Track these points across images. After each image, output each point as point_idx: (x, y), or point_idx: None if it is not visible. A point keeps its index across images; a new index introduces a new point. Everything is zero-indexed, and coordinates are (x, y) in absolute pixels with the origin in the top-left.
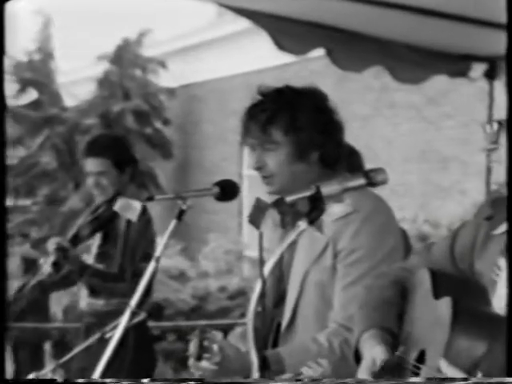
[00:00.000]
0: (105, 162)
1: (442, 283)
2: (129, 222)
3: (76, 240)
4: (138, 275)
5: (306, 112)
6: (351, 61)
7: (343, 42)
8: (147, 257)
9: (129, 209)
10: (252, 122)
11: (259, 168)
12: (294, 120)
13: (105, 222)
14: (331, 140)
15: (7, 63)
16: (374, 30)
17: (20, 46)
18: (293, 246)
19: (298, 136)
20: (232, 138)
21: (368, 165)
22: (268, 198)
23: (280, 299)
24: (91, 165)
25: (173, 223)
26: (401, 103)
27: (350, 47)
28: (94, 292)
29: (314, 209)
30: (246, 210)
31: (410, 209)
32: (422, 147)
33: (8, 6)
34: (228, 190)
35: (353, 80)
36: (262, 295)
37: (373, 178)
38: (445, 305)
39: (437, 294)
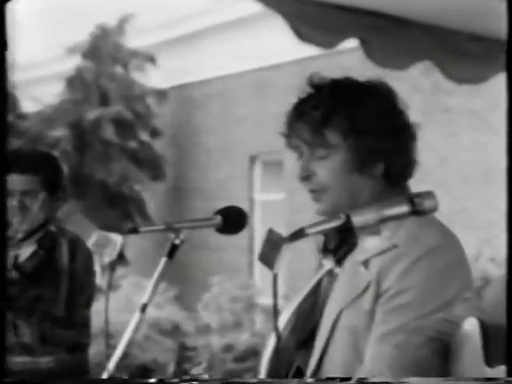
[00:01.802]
0: (32, 180)
1: (496, 342)
2: (72, 254)
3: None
4: (85, 324)
5: (372, 111)
6: (392, 55)
7: (382, 30)
8: (90, 300)
9: (107, 245)
10: (301, 120)
11: (306, 178)
12: (355, 120)
13: (47, 257)
14: (401, 149)
15: None
16: (423, 16)
17: None
18: (332, 277)
19: (359, 140)
20: (240, 153)
21: (416, 186)
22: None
23: (307, 339)
24: (16, 183)
25: (163, 262)
26: (458, 108)
27: (390, 37)
28: (27, 346)
29: (343, 243)
30: (259, 246)
31: (471, 243)
32: (485, 165)
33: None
34: (234, 220)
35: (395, 79)
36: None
37: (418, 205)
38: (500, 375)
39: (489, 359)
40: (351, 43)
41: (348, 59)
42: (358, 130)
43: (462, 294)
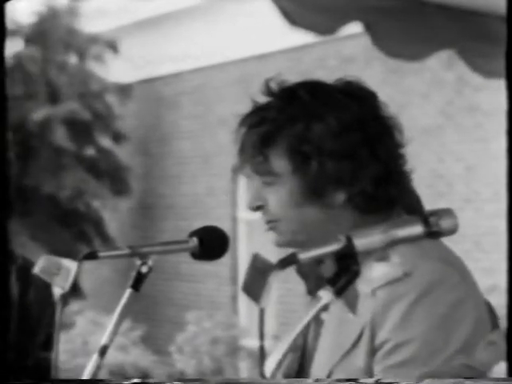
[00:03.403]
0: None
1: None
2: (23, 284)
3: None
4: (44, 371)
5: (328, 126)
6: (405, 43)
7: (392, 13)
8: (50, 341)
9: (57, 273)
10: (247, 138)
11: (258, 208)
12: (302, 139)
13: None
14: (367, 173)
15: None
16: None
17: None
18: (318, 323)
19: (306, 165)
20: (220, 162)
21: (432, 203)
22: (277, 253)
23: None
24: None
25: (127, 294)
26: (487, 108)
27: (403, 21)
28: None
29: (343, 271)
30: (243, 274)
31: (501, 271)
32: None
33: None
34: (213, 243)
35: (409, 72)
36: None
37: (434, 225)
38: None
39: None
40: (354, 28)
41: (349, 47)
42: (302, 152)
43: (475, 338)
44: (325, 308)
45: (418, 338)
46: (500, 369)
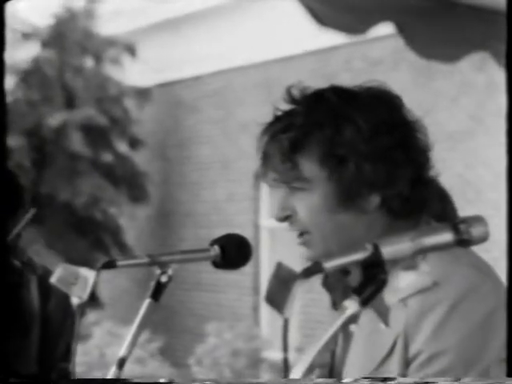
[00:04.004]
0: None
1: None
2: (44, 294)
3: None
4: (64, 378)
5: (358, 129)
6: (439, 44)
7: (424, 13)
8: (70, 351)
9: (75, 282)
10: (273, 146)
11: (286, 218)
12: (334, 143)
13: (11, 299)
14: (402, 175)
15: None
16: None
17: None
18: (347, 334)
19: (342, 168)
20: (242, 168)
21: (464, 209)
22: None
23: None
24: None
25: (146, 304)
26: None
27: (436, 22)
28: None
29: (370, 280)
30: (266, 284)
31: None
32: None
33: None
34: (235, 252)
35: (441, 74)
36: None
37: (464, 233)
38: None
39: None
40: (381, 30)
41: (376, 50)
42: (337, 156)
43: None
44: (353, 319)
45: (452, 348)
46: None
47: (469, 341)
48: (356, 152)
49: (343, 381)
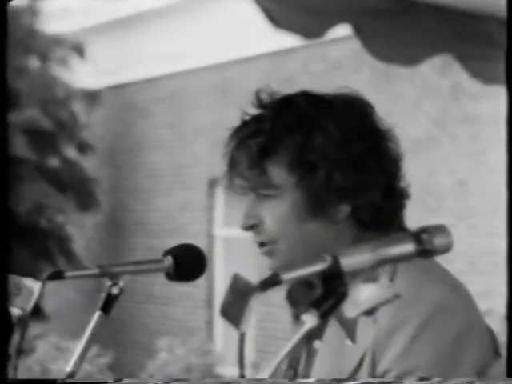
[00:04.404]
0: None
1: None
2: None
3: None
4: None
5: (329, 136)
6: (398, 46)
7: (382, 14)
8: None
9: (17, 293)
10: (240, 151)
11: (251, 227)
12: (305, 149)
13: None
14: (374, 183)
15: None
16: None
17: None
18: (311, 352)
19: (311, 175)
20: (196, 175)
21: (422, 219)
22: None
23: None
24: None
25: (95, 318)
26: (484, 117)
27: (395, 23)
28: None
29: (329, 293)
30: (220, 297)
31: (499, 295)
32: None
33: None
34: (188, 263)
35: (400, 78)
36: None
37: (427, 243)
38: None
39: None
40: (340, 31)
41: (336, 52)
42: (307, 162)
43: (484, 365)
44: (316, 336)
45: (421, 367)
46: None
47: (439, 360)
48: (326, 159)
49: (310, 380)
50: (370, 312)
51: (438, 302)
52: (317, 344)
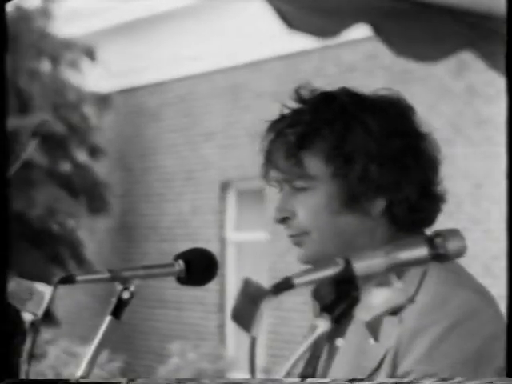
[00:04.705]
0: None
1: None
2: None
3: None
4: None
5: (369, 131)
6: (418, 43)
7: (401, 15)
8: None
9: (29, 297)
10: (278, 142)
11: (284, 219)
12: (343, 140)
13: None
14: (410, 180)
15: None
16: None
17: None
18: (333, 350)
19: (348, 167)
20: (207, 179)
21: (438, 223)
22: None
23: None
24: None
25: (106, 322)
26: (500, 120)
27: (413, 23)
28: None
29: (341, 297)
30: (232, 301)
31: None
32: None
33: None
34: (200, 267)
35: (415, 81)
36: None
37: (440, 247)
38: None
39: None
40: (355, 34)
41: (350, 54)
42: (344, 154)
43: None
44: (337, 333)
45: (443, 372)
46: None
47: (462, 366)
48: (364, 152)
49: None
50: (395, 312)
51: (466, 308)
52: (339, 342)
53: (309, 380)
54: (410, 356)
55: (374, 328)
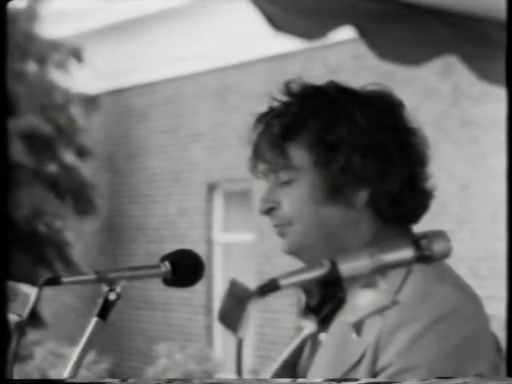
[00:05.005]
0: None
1: None
2: None
3: None
4: None
5: (355, 123)
6: (403, 46)
7: (386, 17)
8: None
9: (14, 299)
10: (264, 133)
11: (269, 210)
12: (327, 131)
13: None
14: (394, 172)
15: None
16: (439, 2)
17: None
18: (315, 345)
19: (331, 157)
20: (194, 180)
21: (424, 224)
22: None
23: None
24: None
25: (92, 324)
26: (486, 120)
27: (399, 25)
28: None
29: (327, 299)
30: (219, 302)
31: (500, 300)
32: None
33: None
34: (186, 269)
35: (401, 82)
36: None
37: (426, 249)
38: None
39: None
40: (342, 34)
41: (336, 56)
42: (327, 143)
43: (488, 372)
44: (321, 328)
45: (423, 365)
46: None
47: (442, 361)
48: (348, 143)
49: (315, 380)
50: (380, 312)
51: (448, 304)
52: (322, 336)
53: (299, 380)
54: (391, 349)
55: (357, 322)
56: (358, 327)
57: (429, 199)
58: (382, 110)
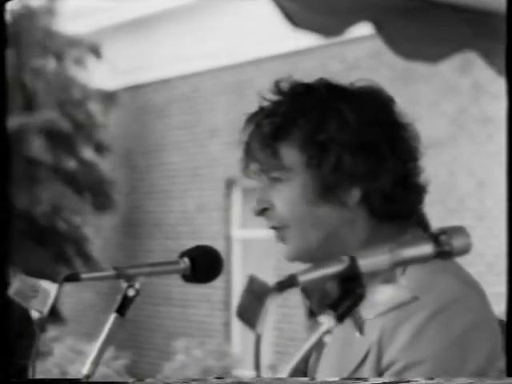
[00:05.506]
0: None
1: None
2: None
3: None
4: (21, 372)
5: (344, 121)
6: (420, 43)
7: (404, 12)
8: (24, 372)
9: (34, 295)
10: (255, 133)
11: (262, 212)
12: (317, 130)
13: None
14: (385, 170)
15: None
16: None
17: None
18: (320, 346)
19: (322, 156)
20: (213, 176)
21: (442, 220)
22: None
23: None
24: None
25: (111, 320)
26: (503, 118)
27: (417, 21)
28: None
29: (346, 295)
30: (237, 298)
31: None
32: None
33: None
34: (205, 265)
35: (419, 78)
36: None
37: (445, 244)
38: None
39: None
40: (360, 31)
41: (354, 52)
42: (318, 142)
43: (493, 363)
44: (327, 333)
45: (429, 358)
46: None
47: (447, 352)
48: (338, 141)
49: (331, 379)
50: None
51: (448, 297)
52: (326, 338)
53: (317, 379)
54: (394, 345)
55: (359, 321)
56: (360, 325)
57: (422, 194)
58: (373, 107)
